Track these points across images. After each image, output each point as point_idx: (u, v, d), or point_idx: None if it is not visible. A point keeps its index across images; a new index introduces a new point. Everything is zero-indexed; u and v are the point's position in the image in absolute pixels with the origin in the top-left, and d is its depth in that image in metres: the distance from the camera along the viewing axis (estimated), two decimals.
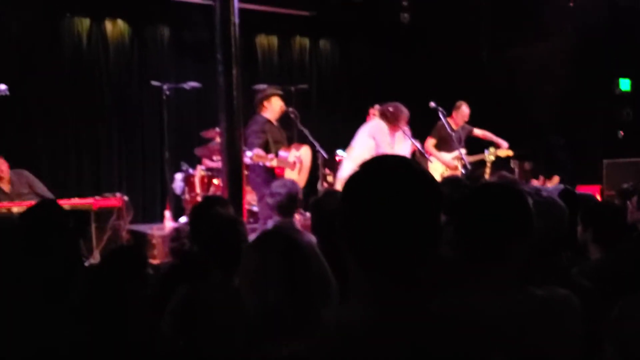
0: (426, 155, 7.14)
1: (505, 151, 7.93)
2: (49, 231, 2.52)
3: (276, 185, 4.05)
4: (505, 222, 1.63)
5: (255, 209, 6.54)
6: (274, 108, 6.04)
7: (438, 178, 7.80)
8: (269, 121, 5.99)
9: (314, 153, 6.61)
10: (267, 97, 6.02)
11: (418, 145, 6.72)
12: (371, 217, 1.15)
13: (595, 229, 2.93)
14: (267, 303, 1.60)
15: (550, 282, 1.70)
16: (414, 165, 1.22)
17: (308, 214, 4.09)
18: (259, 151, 5.44)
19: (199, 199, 7.09)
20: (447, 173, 7.84)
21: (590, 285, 2.02)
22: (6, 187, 6.62)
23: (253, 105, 5.92)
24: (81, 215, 5.38)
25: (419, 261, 1.17)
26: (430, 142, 7.80)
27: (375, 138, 6.48)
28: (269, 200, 3.86)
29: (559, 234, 2.03)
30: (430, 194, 1.18)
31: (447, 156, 7.74)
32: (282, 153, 5.96)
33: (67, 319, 2.00)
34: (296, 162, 6.14)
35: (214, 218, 2.57)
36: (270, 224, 3.79)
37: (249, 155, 5.63)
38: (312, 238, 2.98)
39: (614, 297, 2.12)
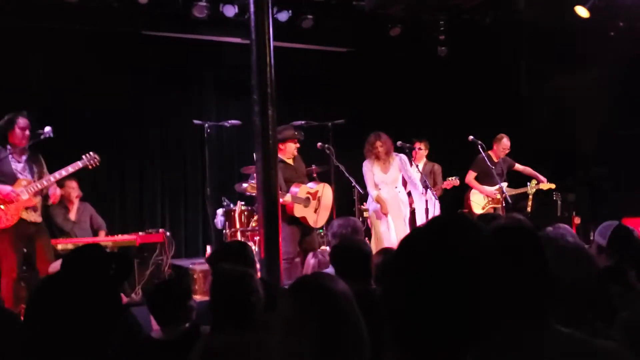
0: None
1: (547, 184, 7.84)
2: (88, 278, 2.58)
3: (338, 225, 4.05)
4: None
5: None
6: (288, 149, 6.25)
7: (479, 210, 7.75)
8: (281, 161, 6.09)
9: (351, 189, 6.65)
10: (283, 140, 6.15)
11: (415, 183, 6.86)
12: (416, 297, 1.09)
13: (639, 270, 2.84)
14: (302, 357, 1.54)
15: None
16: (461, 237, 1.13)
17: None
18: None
19: (238, 234, 7.18)
20: (490, 206, 7.79)
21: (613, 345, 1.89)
22: (73, 216, 6.91)
23: None
24: (126, 257, 5.49)
25: (461, 344, 1.09)
26: (472, 175, 7.80)
27: (364, 173, 6.67)
28: (333, 241, 3.83)
29: (587, 283, 1.91)
30: (473, 269, 1.09)
31: (489, 189, 7.70)
32: (292, 189, 6.09)
33: None
34: (310, 198, 6.21)
35: (219, 276, 2.54)
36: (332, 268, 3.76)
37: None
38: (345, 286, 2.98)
39: None
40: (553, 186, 7.89)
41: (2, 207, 5.30)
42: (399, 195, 6.69)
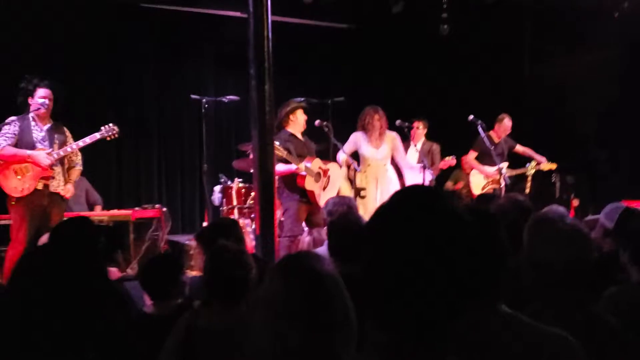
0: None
1: (548, 164, 7.78)
2: (76, 250, 2.56)
3: (333, 203, 4.02)
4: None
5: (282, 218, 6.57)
6: (299, 121, 6.12)
7: (479, 191, 7.71)
8: (292, 135, 6.04)
9: (348, 168, 6.57)
10: (293, 110, 6.06)
11: (410, 163, 6.87)
12: (392, 260, 1.04)
13: (632, 251, 2.79)
14: (287, 341, 1.47)
15: (570, 317, 1.61)
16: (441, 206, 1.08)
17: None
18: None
19: (235, 211, 7.14)
20: (490, 187, 7.74)
21: (616, 323, 1.87)
22: None
23: (278, 120, 5.88)
24: (115, 231, 5.43)
25: (444, 313, 1.04)
26: (472, 155, 7.76)
27: (350, 140, 6.61)
28: (327, 219, 3.79)
29: (583, 266, 1.89)
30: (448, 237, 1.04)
31: (490, 169, 7.64)
32: (305, 162, 5.99)
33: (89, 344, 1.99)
34: (320, 173, 6.13)
35: (219, 253, 2.51)
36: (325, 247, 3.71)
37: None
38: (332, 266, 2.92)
39: None
40: (554, 166, 7.83)
41: (18, 177, 5.21)
42: (387, 173, 6.63)
